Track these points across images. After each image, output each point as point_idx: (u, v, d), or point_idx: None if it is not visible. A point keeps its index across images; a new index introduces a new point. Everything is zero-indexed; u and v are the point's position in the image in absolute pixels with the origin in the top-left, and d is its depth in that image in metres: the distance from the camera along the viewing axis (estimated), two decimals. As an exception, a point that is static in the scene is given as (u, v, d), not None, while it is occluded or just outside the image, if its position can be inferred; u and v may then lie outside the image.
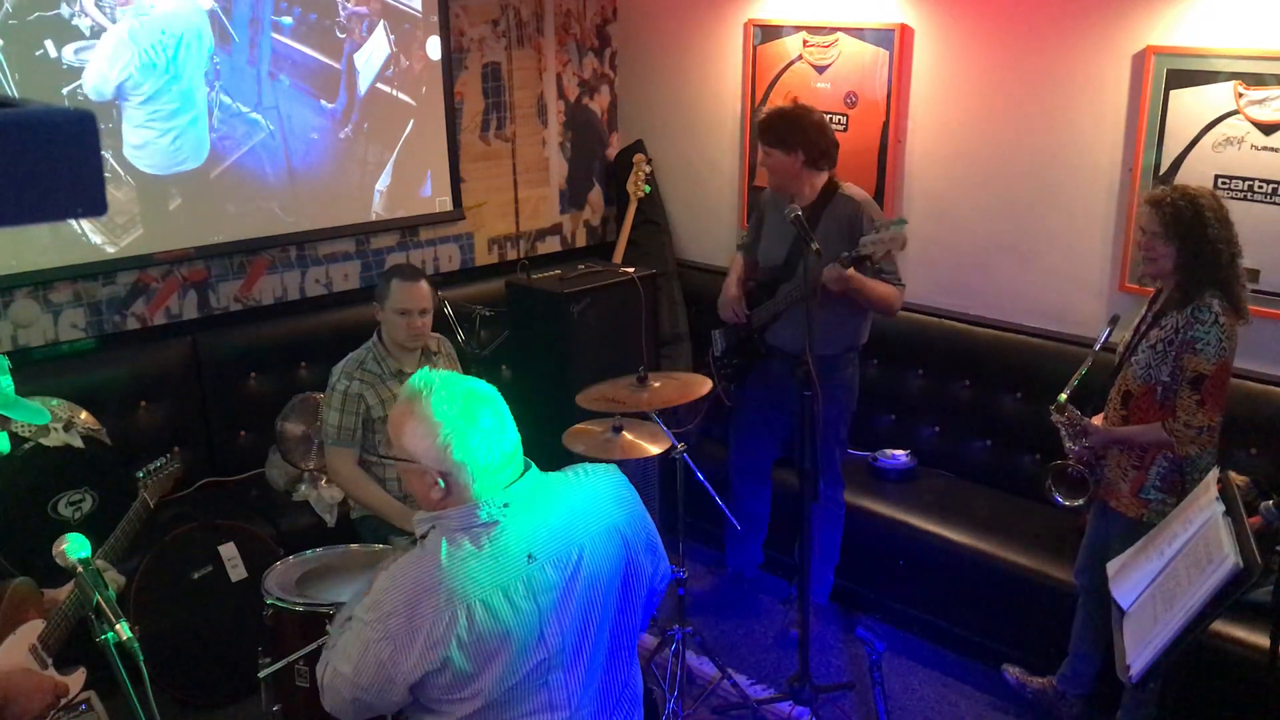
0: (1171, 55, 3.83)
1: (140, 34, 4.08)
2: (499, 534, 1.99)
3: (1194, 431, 3.05)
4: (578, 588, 2.03)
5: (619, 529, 2.11)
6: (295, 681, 2.97)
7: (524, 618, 1.96)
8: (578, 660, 2.05)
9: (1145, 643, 2.30)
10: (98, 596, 2.05)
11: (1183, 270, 3.09)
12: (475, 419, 1.99)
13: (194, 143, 4.30)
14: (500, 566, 1.97)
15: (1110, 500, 3.29)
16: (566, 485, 2.13)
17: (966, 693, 3.86)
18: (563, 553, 2.02)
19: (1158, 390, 3.12)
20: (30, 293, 4.04)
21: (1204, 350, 3.03)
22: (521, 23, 5.25)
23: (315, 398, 4.28)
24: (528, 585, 1.98)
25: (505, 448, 2.02)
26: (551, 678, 2.03)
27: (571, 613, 2.02)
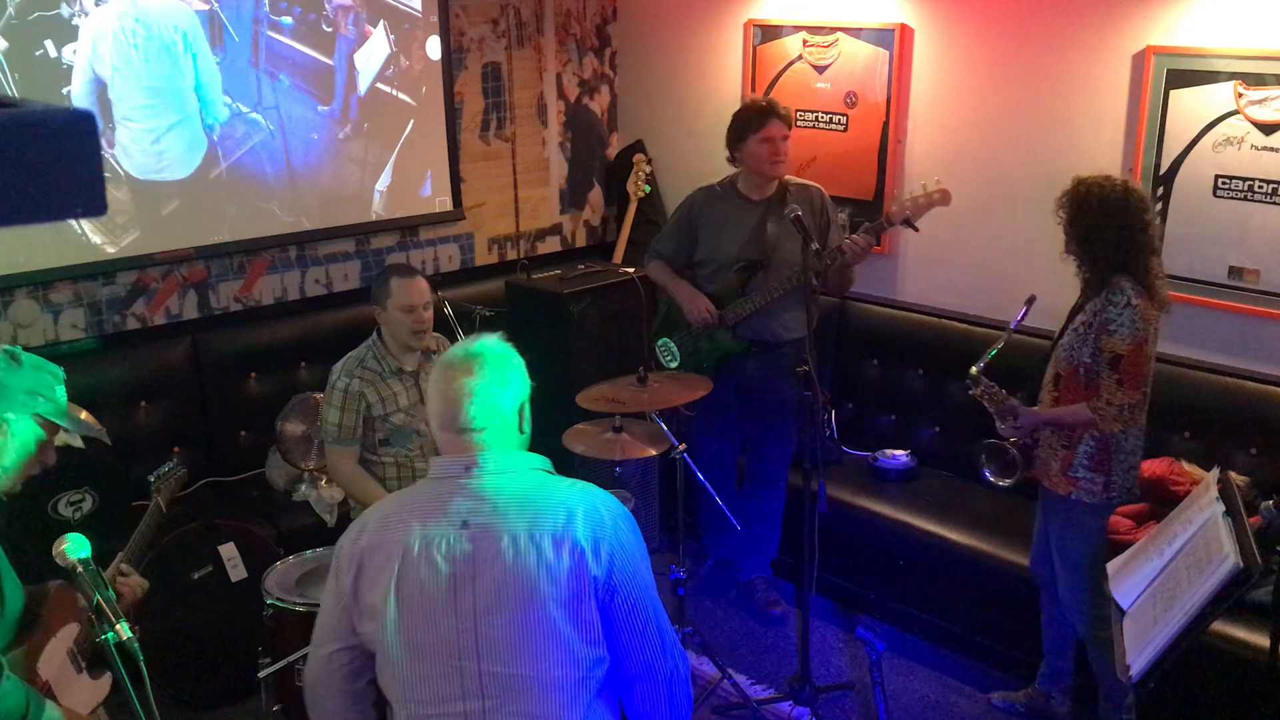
0: (1171, 55, 3.83)
1: (127, 31, 4.08)
2: (442, 494, 2.05)
3: (1115, 409, 3.15)
4: (490, 573, 1.99)
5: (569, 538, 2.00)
6: (295, 681, 2.97)
7: (434, 574, 2.00)
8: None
9: (1145, 643, 2.30)
10: (98, 596, 2.04)
11: (1080, 255, 3.25)
12: (442, 380, 2.07)
13: (184, 147, 4.29)
14: (426, 519, 2.03)
15: (1043, 480, 3.39)
16: (548, 486, 2.09)
17: (966, 693, 3.86)
18: (498, 533, 2.00)
19: (1081, 371, 3.24)
20: (30, 293, 4.04)
21: (1118, 331, 3.14)
22: (521, 23, 5.25)
23: (315, 398, 4.28)
24: (449, 545, 2.00)
25: (460, 414, 2.04)
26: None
27: (479, 593, 1.99)
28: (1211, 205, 3.83)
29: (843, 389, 4.69)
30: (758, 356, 4.10)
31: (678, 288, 4.14)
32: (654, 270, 4.27)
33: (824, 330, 4.56)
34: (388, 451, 3.61)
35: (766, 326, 4.07)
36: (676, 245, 4.19)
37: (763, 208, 4.05)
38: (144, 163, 4.20)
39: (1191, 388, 3.85)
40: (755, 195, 4.06)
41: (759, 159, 3.99)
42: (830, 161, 4.82)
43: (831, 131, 4.81)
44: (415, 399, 3.62)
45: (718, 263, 4.09)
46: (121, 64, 4.08)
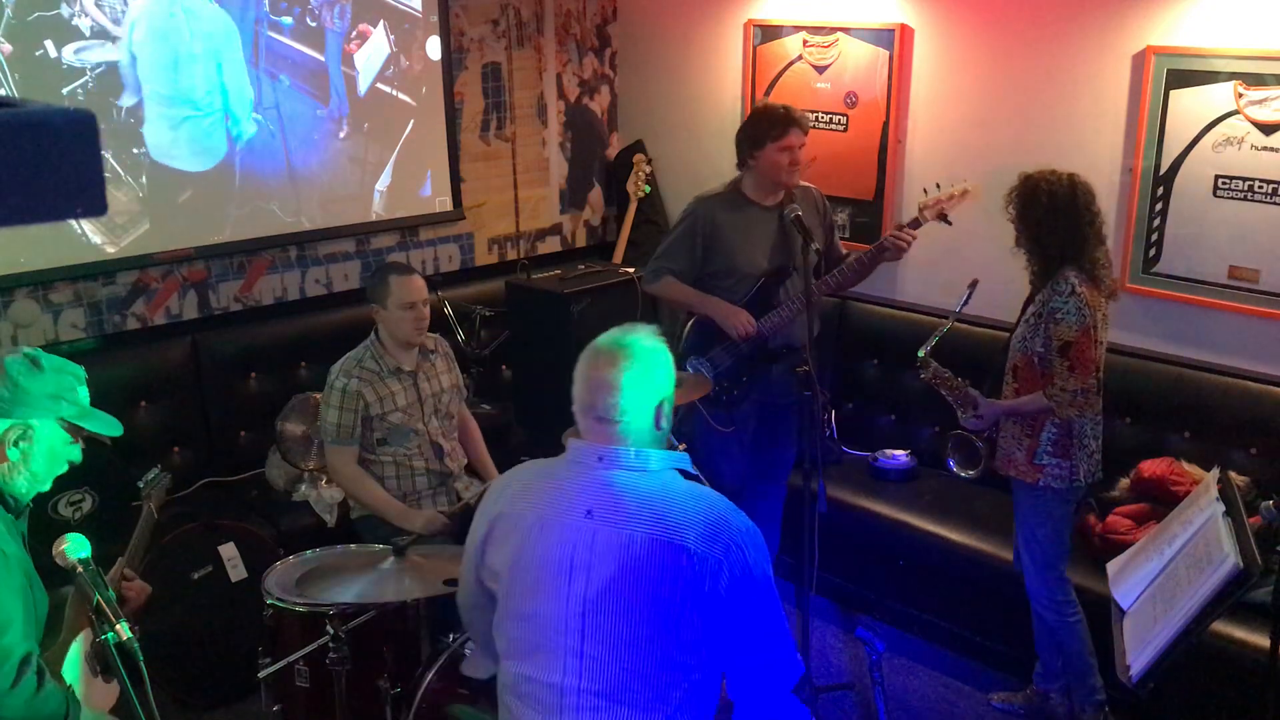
0: (1171, 55, 3.83)
1: (166, 14, 4.09)
2: (572, 477, 2.13)
3: (1069, 395, 3.26)
4: (606, 570, 2.05)
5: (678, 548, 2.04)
6: (295, 681, 2.97)
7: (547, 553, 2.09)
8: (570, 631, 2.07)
9: (1145, 643, 2.30)
10: (98, 597, 2.05)
11: (1029, 248, 3.36)
12: (588, 366, 2.15)
13: (201, 142, 4.31)
14: (555, 500, 2.12)
15: (1010, 470, 3.45)
16: (674, 492, 2.11)
17: (966, 693, 3.86)
18: (618, 529, 2.06)
19: (1035, 361, 3.35)
20: (30, 293, 4.04)
21: (1065, 319, 3.25)
22: (521, 23, 5.25)
23: (315, 398, 4.28)
24: (571, 532, 2.07)
25: (601, 402, 2.11)
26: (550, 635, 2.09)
27: (587, 588, 2.06)
28: (1211, 205, 3.83)
29: (843, 389, 4.69)
30: (782, 361, 4.05)
31: (708, 303, 3.92)
32: (667, 288, 4.01)
33: (824, 330, 4.55)
34: (386, 451, 3.61)
35: (793, 332, 4.00)
36: (689, 260, 3.96)
37: (776, 212, 3.96)
38: (160, 146, 4.21)
39: (1191, 388, 3.85)
40: (767, 201, 3.94)
41: (777, 167, 3.86)
42: (830, 161, 4.82)
43: (831, 131, 4.81)
44: (413, 398, 3.62)
45: (740, 274, 3.93)
46: (155, 42, 4.11)
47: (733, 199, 3.98)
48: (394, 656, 2.93)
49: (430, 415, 3.66)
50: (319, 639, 2.84)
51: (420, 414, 3.62)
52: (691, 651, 2.04)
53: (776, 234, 3.95)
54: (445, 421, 3.73)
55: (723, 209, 3.96)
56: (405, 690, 2.88)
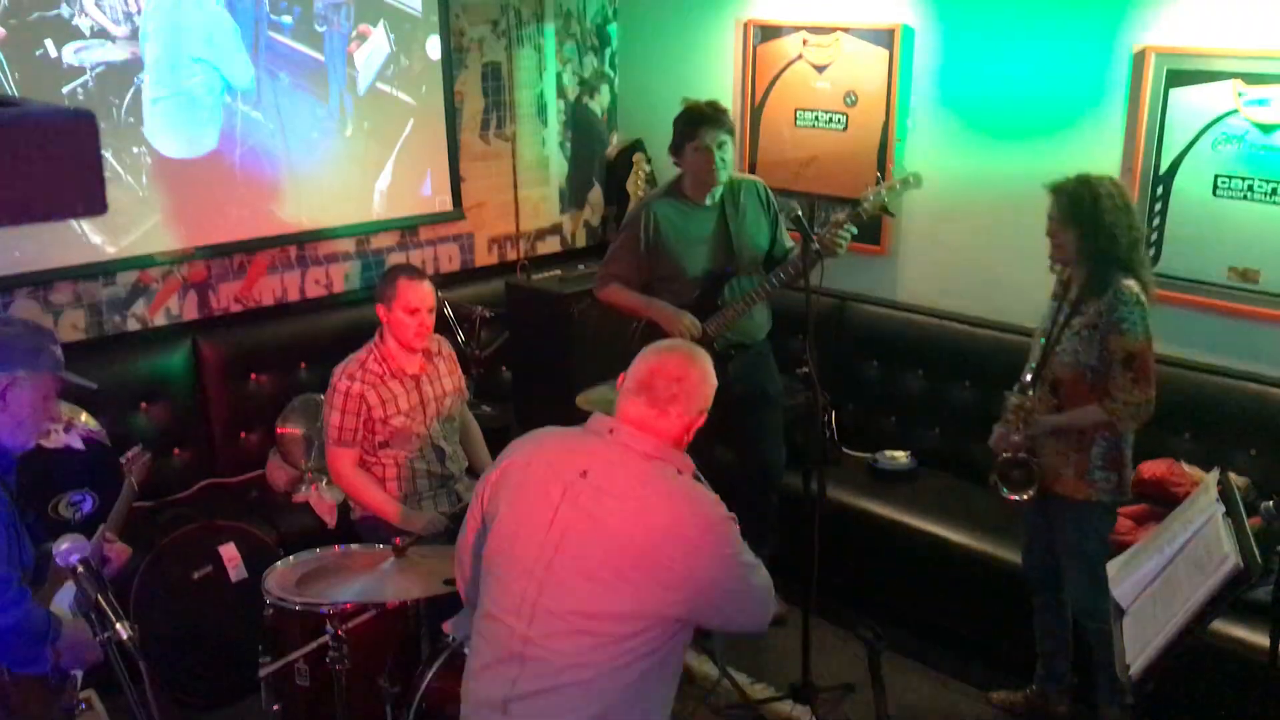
0: (1171, 55, 3.83)
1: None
2: (580, 439, 2.34)
3: (1133, 408, 3.15)
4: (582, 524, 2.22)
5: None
6: (295, 681, 2.98)
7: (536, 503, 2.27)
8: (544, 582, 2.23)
9: (1145, 643, 2.30)
10: (98, 596, 2.05)
11: (1085, 255, 3.19)
12: (657, 358, 2.35)
13: (197, 127, 4.31)
14: (557, 455, 2.31)
15: (1055, 487, 3.33)
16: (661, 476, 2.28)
17: (966, 692, 3.86)
18: (605, 495, 2.23)
19: (1087, 374, 3.21)
20: (30, 293, 4.03)
21: (1130, 330, 3.12)
22: (521, 23, 5.25)
23: (315, 399, 4.28)
24: (565, 486, 2.25)
25: (656, 385, 2.29)
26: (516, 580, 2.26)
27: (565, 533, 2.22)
28: (1211, 205, 3.83)
29: (843, 389, 4.69)
30: (735, 360, 4.04)
31: (652, 307, 3.95)
32: (613, 295, 4.06)
33: (824, 330, 4.56)
34: (387, 453, 3.61)
35: (743, 329, 4.01)
36: (635, 264, 3.99)
37: (718, 210, 3.97)
38: (161, 144, 4.22)
39: (1191, 388, 3.85)
40: (705, 199, 3.95)
41: (696, 166, 3.89)
42: (830, 161, 4.82)
43: (831, 131, 4.81)
44: (415, 401, 3.61)
45: (684, 277, 3.95)
46: (159, 38, 4.13)
47: (674, 199, 4.00)
48: (394, 656, 2.93)
49: (433, 418, 3.65)
50: (319, 639, 2.85)
51: (422, 417, 3.62)
52: (646, 617, 2.18)
53: (717, 234, 3.96)
54: (447, 424, 3.73)
55: (664, 211, 3.98)
56: (405, 690, 2.88)
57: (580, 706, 2.18)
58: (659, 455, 2.28)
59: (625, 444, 2.27)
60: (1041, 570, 3.52)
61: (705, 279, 3.96)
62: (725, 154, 3.87)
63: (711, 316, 3.93)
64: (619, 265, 4.05)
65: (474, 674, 2.33)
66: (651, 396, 2.28)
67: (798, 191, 4.86)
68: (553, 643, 2.20)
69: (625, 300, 4.04)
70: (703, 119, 3.87)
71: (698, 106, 3.94)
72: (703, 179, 3.91)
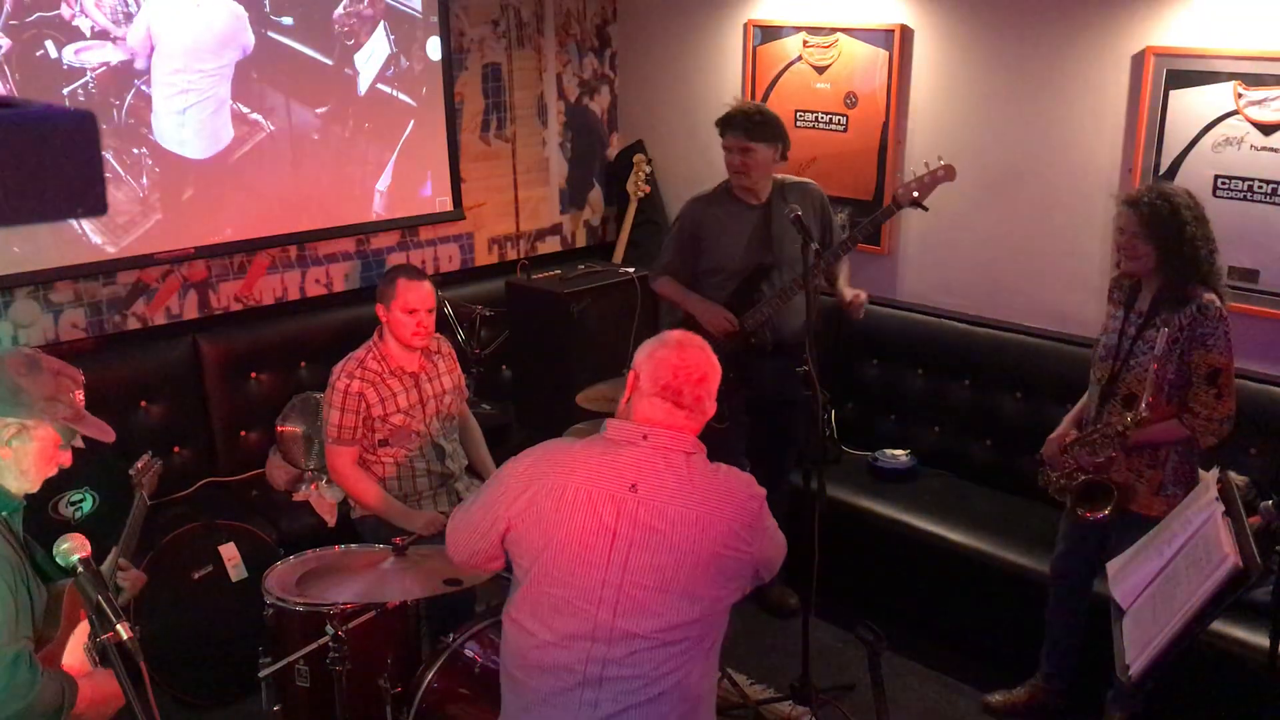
0: (1171, 56, 3.83)
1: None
2: (617, 452, 2.28)
3: (1216, 424, 3.13)
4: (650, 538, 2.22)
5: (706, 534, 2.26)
6: (295, 681, 2.98)
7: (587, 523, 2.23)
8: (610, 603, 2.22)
9: (1145, 643, 2.30)
10: (98, 597, 2.05)
11: (1166, 268, 3.15)
12: (678, 355, 2.32)
13: (205, 129, 4.32)
14: (599, 473, 2.26)
15: (1129, 505, 3.28)
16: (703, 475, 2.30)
17: (966, 692, 3.86)
18: (658, 506, 2.23)
19: (1165, 388, 3.16)
20: (30, 293, 4.04)
21: (1215, 345, 3.11)
22: (521, 23, 5.25)
23: (315, 398, 4.28)
24: (616, 503, 2.23)
25: (684, 388, 2.28)
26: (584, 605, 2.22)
27: (630, 553, 2.21)
28: (1211, 205, 3.81)
29: (843, 389, 4.69)
30: (774, 358, 4.07)
31: (690, 301, 4.06)
32: (663, 287, 4.19)
33: (824, 330, 4.55)
34: (387, 452, 3.61)
35: (782, 329, 4.04)
36: (681, 259, 4.12)
37: (762, 210, 4.03)
38: (162, 142, 4.22)
39: (1191, 388, 3.85)
40: (751, 199, 4.04)
41: (727, 167, 4.02)
42: (830, 162, 4.82)
43: (831, 132, 4.81)
44: (415, 400, 3.62)
45: (725, 271, 4.04)
46: (159, 37, 4.13)
47: (720, 197, 4.11)
48: (394, 656, 2.93)
49: (432, 416, 3.66)
50: (319, 639, 2.85)
51: (422, 415, 3.62)
52: (722, 612, 2.27)
53: (757, 231, 4.01)
54: (447, 423, 3.73)
55: (709, 208, 4.10)
56: (405, 690, 2.88)
57: (670, 710, 2.23)
58: (695, 450, 2.31)
59: (666, 447, 2.28)
60: (1074, 575, 3.49)
61: (744, 275, 4.03)
62: (749, 157, 3.95)
63: (747, 312, 4.00)
64: (668, 258, 4.19)
65: (542, 702, 2.25)
66: (679, 400, 2.29)
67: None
68: (636, 661, 2.20)
69: (671, 292, 4.16)
70: (729, 122, 3.98)
71: (734, 109, 4.04)
72: (733, 179, 4.04)
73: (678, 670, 2.22)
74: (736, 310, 4.01)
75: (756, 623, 4.28)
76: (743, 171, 3.97)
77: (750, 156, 3.94)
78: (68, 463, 2.44)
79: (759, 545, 2.31)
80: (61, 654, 2.41)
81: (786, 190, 4.05)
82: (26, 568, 2.33)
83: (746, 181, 4.00)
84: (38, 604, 2.34)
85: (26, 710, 2.22)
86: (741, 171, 3.98)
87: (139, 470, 3.10)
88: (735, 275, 4.04)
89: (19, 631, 2.25)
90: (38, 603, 2.34)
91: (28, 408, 2.30)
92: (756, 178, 3.99)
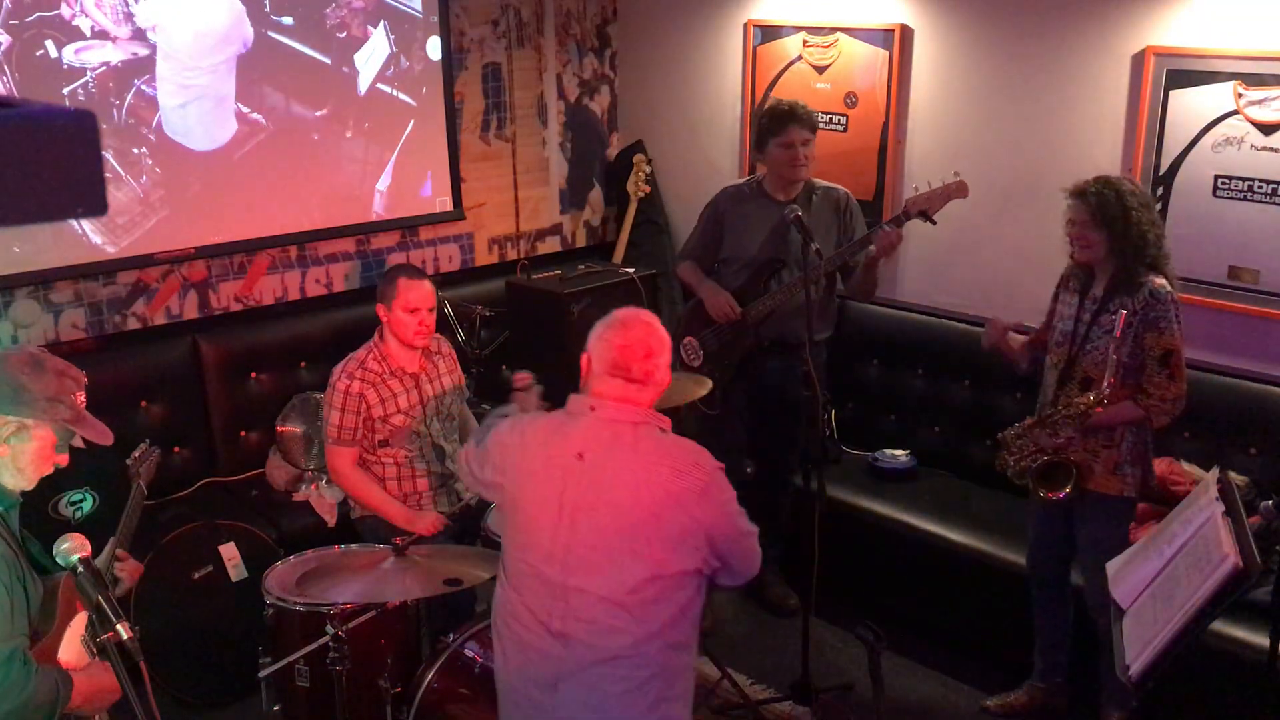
0: (1171, 56, 3.83)
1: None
2: (569, 424, 2.43)
3: (1169, 404, 3.23)
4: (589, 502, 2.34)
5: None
6: (295, 681, 2.98)
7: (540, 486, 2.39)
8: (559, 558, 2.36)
9: (1145, 643, 2.30)
10: (98, 596, 2.05)
11: (1117, 254, 3.23)
12: (612, 333, 2.44)
13: (209, 120, 4.32)
14: (549, 443, 2.42)
15: (1087, 484, 3.35)
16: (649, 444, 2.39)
17: (965, 692, 3.86)
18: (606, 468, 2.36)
19: (1120, 371, 3.24)
20: (31, 293, 4.04)
21: (1168, 328, 3.20)
22: (521, 23, 5.25)
23: (315, 398, 4.28)
24: (564, 467, 2.36)
25: (632, 365, 2.40)
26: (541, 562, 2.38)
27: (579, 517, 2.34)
28: (1211, 205, 3.83)
29: (843, 389, 4.69)
30: (778, 357, 4.10)
31: (703, 286, 4.18)
32: (683, 271, 4.32)
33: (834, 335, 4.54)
34: (387, 452, 3.61)
35: (790, 327, 4.06)
36: (704, 245, 4.24)
37: (786, 208, 4.04)
38: (160, 129, 4.22)
39: (1191, 388, 3.83)
40: (780, 195, 4.09)
41: (779, 163, 4.05)
42: (830, 161, 4.81)
43: (831, 132, 4.81)
44: (415, 400, 3.61)
45: (741, 261, 4.13)
46: (160, 37, 4.15)
47: (751, 192, 4.19)
48: (394, 656, 2.93)
49: (432, 417, 3.66)
50: (319, 639, 2.85)
51: (422, 415, 3.62)
52: (668, 564, 2.33)
53: (778, 227, 4.03)
54: (447, 423, 3.73)
55: (738, 200, 4.18)
56: (405, 690, 2.89)
57: (629, 674, 2.32)
58: (644, 420, 2.41)
59: (612, 418, 2.39)
60: (1048, 565, 3.55)
61: (757, 266, 4.10)
62: (809, 149, 4.04)
63: (753, 303, 4.06)
64: (693, 244, 4.33)
65: (519, 651, 2.41)
66: (629, 375, 2.40)
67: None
68: (593, 618, 2.32)
69: (688, 276, 4.28)
70: (792, 116, 4.02)
71: (784, 104, 4.10)
72: (785, 175, 4.07)
73: (635, 634, 2.32)
74: (743, 300, 4.07)
75: (756, 623, 4.28)
76: (804, 164, 4.04)
77: (809, 149, 4.03)
78: (64, 462, 2.44)
79: (708, 515, 2.34)
80: (57, 648, 2.41)
81: (816, 192, 4.11)
82: (22, 563, 2.33)
83: (805, 174, 4.07)
84: (33, 599, 2.34)
85: (21, 707, 2.22)
86: (804, 164, 4.04)
87: (136, 460, 3.11)
88: (748, 266, 4.12)
89: (14, 629, 2.25)
90: (33, 598, 2.34)
91: (29, 407, 2.30)
92: (812, 170, 4.08)
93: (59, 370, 2.38)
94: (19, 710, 2.22)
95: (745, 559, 2.45)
